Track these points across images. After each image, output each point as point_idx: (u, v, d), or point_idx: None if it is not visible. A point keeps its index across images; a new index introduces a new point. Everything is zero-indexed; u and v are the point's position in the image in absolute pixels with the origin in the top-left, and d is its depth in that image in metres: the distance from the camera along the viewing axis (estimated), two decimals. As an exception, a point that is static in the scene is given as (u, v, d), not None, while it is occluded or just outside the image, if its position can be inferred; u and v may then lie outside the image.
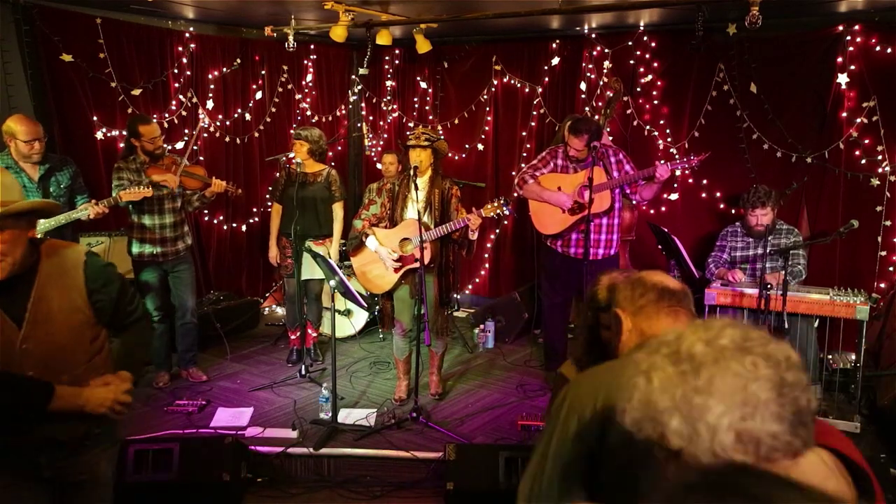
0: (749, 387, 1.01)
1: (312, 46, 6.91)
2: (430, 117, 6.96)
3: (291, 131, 5.35)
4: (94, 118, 5.54)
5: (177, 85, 6.05)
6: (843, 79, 5.10)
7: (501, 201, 4.30)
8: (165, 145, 5.01)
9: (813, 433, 1.06)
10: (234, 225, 6.60)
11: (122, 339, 2.36)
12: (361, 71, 6.29)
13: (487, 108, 6.63)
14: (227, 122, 6.45)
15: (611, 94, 5.53)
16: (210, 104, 6.29)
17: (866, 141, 5.11)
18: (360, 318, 6.00)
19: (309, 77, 6.96)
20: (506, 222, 6.65)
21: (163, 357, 4.97)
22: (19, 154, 4.18)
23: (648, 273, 1.77)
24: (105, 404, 2.12)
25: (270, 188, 5.52)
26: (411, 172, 4.41)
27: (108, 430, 2.30)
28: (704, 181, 5.74)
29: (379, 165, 6.67)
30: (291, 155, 5.19)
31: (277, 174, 5.43)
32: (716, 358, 1.03)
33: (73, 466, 2.21)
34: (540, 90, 6.34)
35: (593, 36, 6.00)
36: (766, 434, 1.01)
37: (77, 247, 2.28)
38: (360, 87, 7.31)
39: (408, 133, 4.48)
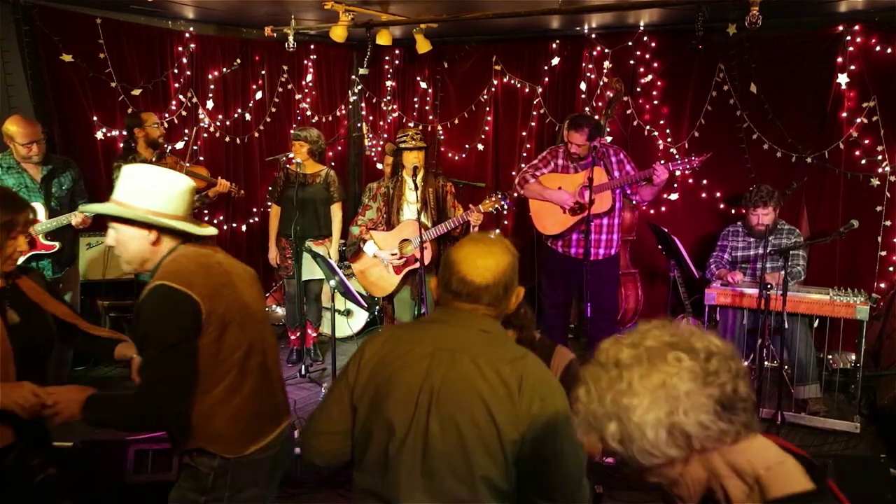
0: (669, 381, 1.03)
1: (312, 46, 6.91)
2: (430, 117, 6.96)
3: (291, 132, 5.35)
4: (94, 118, 5.54)
5: (177, 85, 6.05)
6: (843, 79, 5.10)
7: (499, 195, 4.30)
8: (166, 144, 5.02)
9: (754, 418, 1.07)
10: (234, 225, 6.59)
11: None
12: (361, 71, 6.28)
13: (487, 108, 6.63)
14: (227, 122, 6.45)
15: (611, 95, 5.53)
16: (210, 104, 6.29)
17: (866, 141, 5.11)
18: (360, 318, 6.00)
19: (309, 77, 6.96)
20: (506, 222, 6.65)
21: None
22: (19, 156, 4.19)
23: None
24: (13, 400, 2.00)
25: (270, 188, 5.51)
26: (407, 174, 4.41)
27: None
28: (704, 181, 5.74)
29: (380, 165, 6.67)
30: (291, 155, 5.20)
31: (277, 174, 5.44)
32: (640, 359, 1.06)
33: None
34: (540, 90, 6.34)
35: (593, 36, 6.00)
36: (694, 425, 1.03)
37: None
38: (360, 87, 7.30)
39: (401, 135, 4.46)
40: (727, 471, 1.07)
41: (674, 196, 5.88)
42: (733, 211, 5.64)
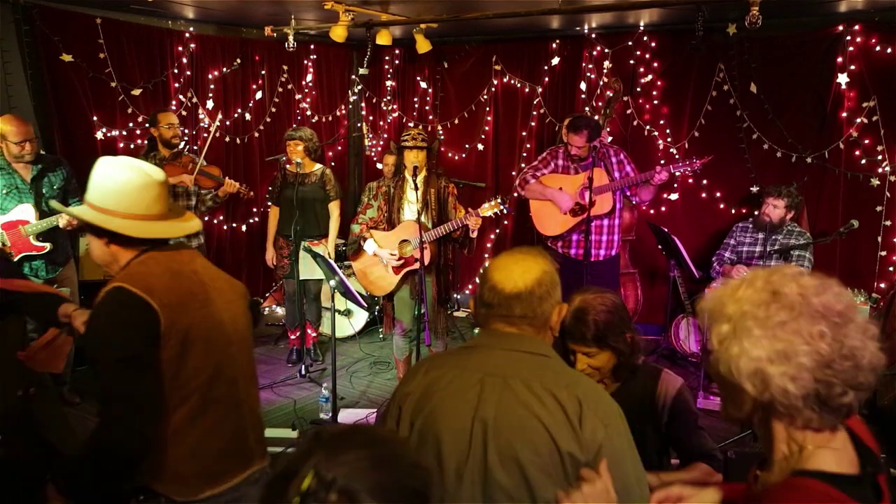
0: (796, 346, 1.04)
1: (312, 46, 6.91)
2: (430, 117, 6.96)
3: (285, 136, 5.37)
4: (94, 118, 5.54)
5: (177, 85, 6.05)
6: (843, 79, 5.10)
7: (498, 200, 4.29)
8: (182, 144, 5.04)
9: (841, 422, 1.08)
10: (234, 225, 6.60)
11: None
12: (361, 71, 6.28)
13: (487, 108, 6.63)
14: (227, 122, 6.45)
15: (611, 94, 5.53)
16: (210, 104, 6.29)
17: (866, 141, 5.11)
18: (360, 318, 6.00)
19: (309, 77, 6.96)
20: (506, 222, 6.65)
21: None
22: (11, 155, 4.14)
23: None
24: None
25: (270, 188, 5.52)
26: (408, 173, 4.41)
27: None
28: (704, 181, 5.74)
29: (380, 165, 6.67)
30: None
31: (275, 175, 5.46)
32: (794, 307, 1.07)
33: None
34: (540, 90, 6.34)
35: (593, 36, 6.00)
36: (777, 387, 1.05)
37: None
38: (360, 87, 7.30)
39: (404, 135, 4.45)
40: (784, 436, 1.11)
41: (674, 196, 5.88)
42: (733, 211, 5.64)
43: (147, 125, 5.08)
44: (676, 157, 5.71)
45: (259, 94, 6.62)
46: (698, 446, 2.13)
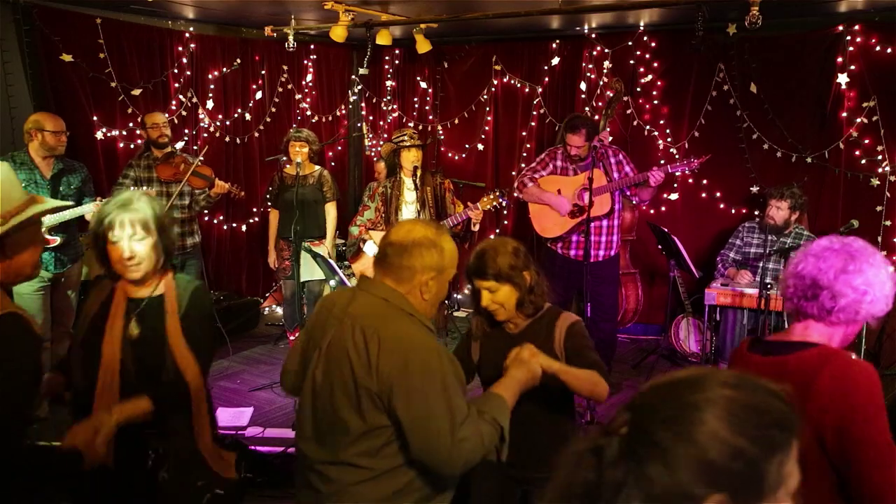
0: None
1: (312, 46, 6.91)
2: (430, 117, 6.96)
3: (289, 133, 5.38)
4: (94, 118, 5.54)
5: (177, 85, 6.05)
6: (843, 79, 5.09)
7: (497, 193, 4.29)
8: (174, 146, 5.05)
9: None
10: (234, 225, 6.60)
11: None
12: (361, 71, 6.28)
13: (487, 108, 6.63)
14: (227, 122, 6.45)
15: (611, 95, 5.53)
16: (210, 104, 6.29)
17: (866, 141, 5.11)
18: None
19: (309, 77, 6.96)
20: (506, 222, 6.65)
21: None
22: (46, 147, 4.20)
23: None
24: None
25: (269, 190, 5.52)
26: (404, 174, 4.41)
27: None
28: (704, 181, 5.74)
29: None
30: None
31: (273, 176, 5.47)
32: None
33: None
34: (540, 90, 6.34)
35: (593, 36, 6.00)
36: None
37: None
38: (360, 87, 7.30)
39: (398, 135, 4.45)
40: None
41: (674, 196, 5.88)
42: (733, 211, 5.64)
43: (140, 129, 5.16)
44: (676, 157, 5.71)
45: (259, 94, 6.62)
46: (588, 360, 2.24)
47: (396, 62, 7.10)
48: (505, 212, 6.56)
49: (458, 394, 1.80)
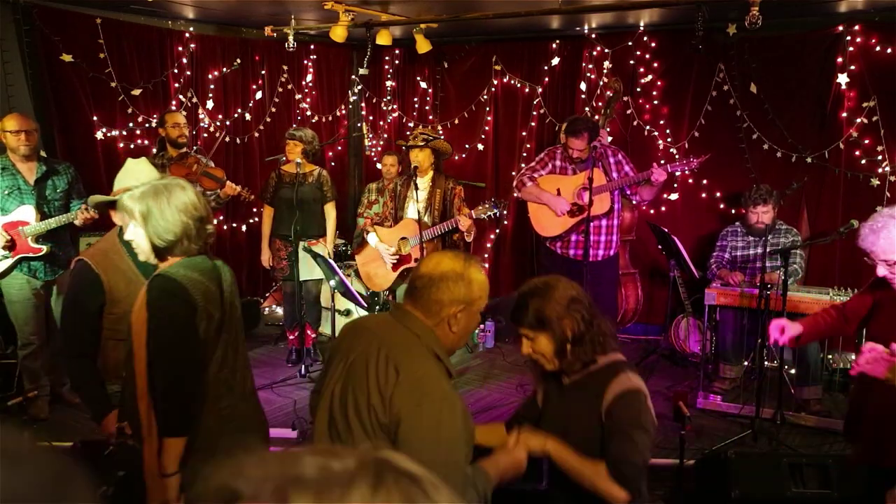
0: None
1: (312, 46, 6.91)
2: (430, 117, 6.96)
3: (286, 133, 5.38)
4: (94, 118, 5.54)
5: (177, 85, 6.05)
6: (843, 79, 5.10)
7: (492, 203, 4.31)
8: (191, 150, 5.07)
9: None
10: (234, 225, 6.60)
11: None
12: (361, 71, 6.28)
13: (487, 108, 6.63)
14: (227, 122, 6.45)
15: (610, 95, 5.53)
16: (210, 104, 6.29)
17: (866, 141, 5.11)
18: (360, 318, 6.00)
19: (309, 77, 6.96)
20: (506, 222, 6.65)
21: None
22: (10, 148, 4.08)
23: None
24: None
25: (262, 189, 5.50)
26: (411, 172, 4.43)
27: None
28: (704, 181, 5.74)
29: (379, 165, 6.67)
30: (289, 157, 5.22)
31: (270, 175, 5.47)
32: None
33: None
34: (540, 90, 6.34)
35: (593, 36, 6.00)
36: None
37: None
38: (360, 87, 7.30)
39: (407, 133, 4.48)
40: None
41: (674, 196, 5.88)
42: (733, 211, 5.64)
43: (156, 126, 5.17)
44: (676, 156, 5.71)
45: (259, 94, 6.62)
46: (617, 451, 1.94)
47: (396, 62, 7.10)
48: (505, 212, 6.56)
49: (459, 450, 1.76)
